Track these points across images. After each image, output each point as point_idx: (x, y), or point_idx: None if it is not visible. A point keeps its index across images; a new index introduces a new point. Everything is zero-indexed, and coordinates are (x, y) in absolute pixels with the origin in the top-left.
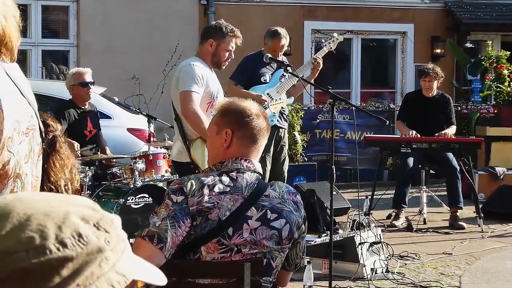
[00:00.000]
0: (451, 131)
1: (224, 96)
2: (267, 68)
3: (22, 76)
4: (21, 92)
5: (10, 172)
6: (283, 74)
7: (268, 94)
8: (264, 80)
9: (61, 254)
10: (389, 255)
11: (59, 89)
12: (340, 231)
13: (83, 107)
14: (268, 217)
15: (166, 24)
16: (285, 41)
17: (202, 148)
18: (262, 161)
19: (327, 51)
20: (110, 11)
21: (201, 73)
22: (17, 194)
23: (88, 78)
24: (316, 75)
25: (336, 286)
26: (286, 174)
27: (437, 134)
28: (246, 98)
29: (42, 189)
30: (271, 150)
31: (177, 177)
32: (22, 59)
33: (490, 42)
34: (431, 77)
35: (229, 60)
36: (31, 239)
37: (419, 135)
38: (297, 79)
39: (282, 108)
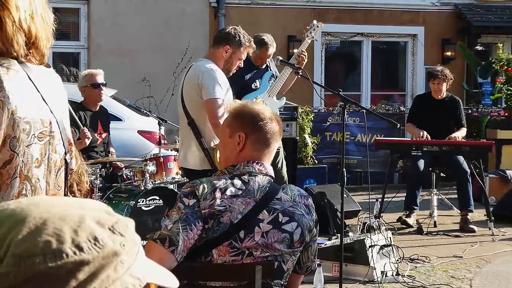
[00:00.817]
0: (460, 133)
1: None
2: (254, 73)
3: (50, 83)
4: (42, 98)
5: (13, 172)
6: (272, 76)
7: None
8: (255, 86)
9: (78, 258)
10: (400, 258)
11: (70, 91)
12: (350, 234)
13: (94, 109)
14: (280, 220)
15: (176, 26)
16: (272, 50)
17: None
18: None
19: (310, 42)
20: (121, 13)
21: (223, 79)
22: (32, 199)
23: (100, 79)
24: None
25: None
26: (286, 176)
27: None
28: None
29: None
30: None
31: (187, 180)
32: None
33: (501, 44)
34: (440, 80)
35: (236, 69)
36: (48, 243)
37: (429, 136)
38: (285, 77)
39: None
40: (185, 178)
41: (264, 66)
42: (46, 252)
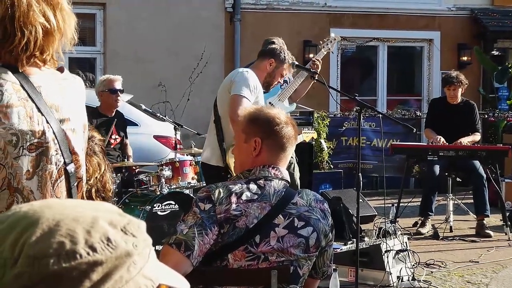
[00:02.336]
0: (470, 138)
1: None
2: None
3: (59, 89)
4: (37, 107)
5: (0, 184)
6: (284, 81)
7: (270, 103)
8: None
9: (91, 258)
10: (415, 263)
11: (85, 96)
12: (366, 238)
13: (109, 115)
14: (295, 225)
15: (192, 31)
16: None
17: None
18: None
19: (325, 53)
20: (137, 19)
21: (255, 83)
22: (45, 201)
23: (118, 85)
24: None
25: None
26: (298, 181)
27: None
28: None
29: None
30: None
31: (203, 179)
32: None
33: None
34: (456, 87)
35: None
36: (61, 244)
37: (445, 141)
38: (298, 83)
39: None
40: (200, 183)
41: None
42: (59, 253)
